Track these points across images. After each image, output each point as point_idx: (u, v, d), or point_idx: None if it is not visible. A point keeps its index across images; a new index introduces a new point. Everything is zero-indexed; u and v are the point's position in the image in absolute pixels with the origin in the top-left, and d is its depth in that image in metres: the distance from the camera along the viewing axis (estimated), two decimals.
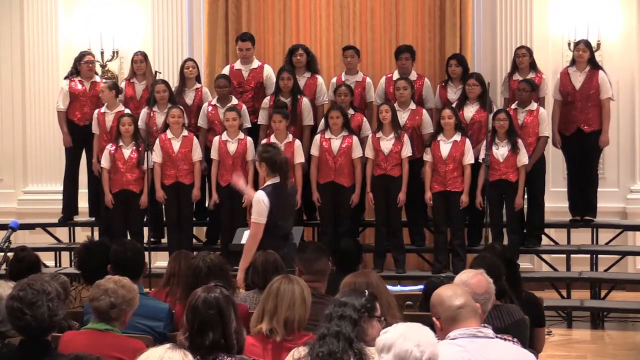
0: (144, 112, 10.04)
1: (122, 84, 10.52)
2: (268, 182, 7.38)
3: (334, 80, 10.29)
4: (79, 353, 3.67)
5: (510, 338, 4.40)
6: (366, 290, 4.18)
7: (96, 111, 10.19)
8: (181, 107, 9.88)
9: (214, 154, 9.82)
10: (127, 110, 10.08)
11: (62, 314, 4.27)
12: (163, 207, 10.02)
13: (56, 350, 4.26)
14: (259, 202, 7.21)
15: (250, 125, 10.03)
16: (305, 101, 10.01)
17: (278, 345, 4.52)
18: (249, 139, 9.76)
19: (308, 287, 4.77)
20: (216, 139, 9.79)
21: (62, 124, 10.46)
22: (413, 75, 10.13)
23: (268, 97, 10.04)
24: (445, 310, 4.01)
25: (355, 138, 9.71)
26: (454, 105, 9.76)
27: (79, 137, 10.43)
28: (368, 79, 10.30)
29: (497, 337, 4.26)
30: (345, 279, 4.93)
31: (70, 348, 4.38)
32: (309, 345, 4.04)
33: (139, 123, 9.90)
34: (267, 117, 9.91)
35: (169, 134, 9.82)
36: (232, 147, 9.71)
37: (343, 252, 6.88)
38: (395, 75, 10.12)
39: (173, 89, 10.14)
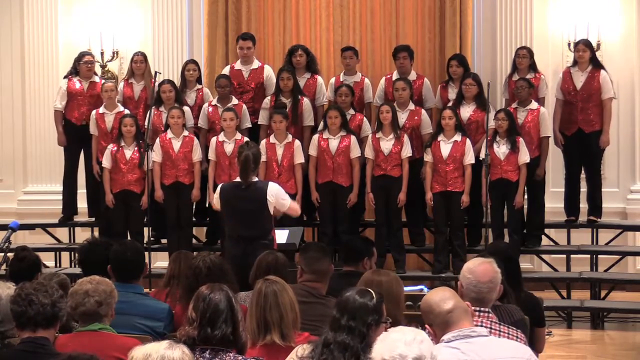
0: (150, 111, 10.02)
1: (121, 84, 10.52)
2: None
3: (333, 80, 10.27)
4: (72, 352, 3.63)
5: (514, 332, 4.41)
6: (374, 297, 4.07)
7: (94, 112, 10.16)
8: (182, 107, 9.86)
9: (211, 155, 9.79)
10: (127, 111, 10.07)
11: (64, 311, 4.29)
12: (163, 207, 10.01)
13: (54, 349, 4.26)
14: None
15: (250, 126, 10.03)
16: (306, 102, 9.99)
17: (285, 350, 4.44)
18: (246, 140, 9.73)
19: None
20: (213, 139, 9.77)
21: (58, 124, 10.44)
22: (412, 76, 10.12)
23: (268, 98, 10.03)
24: (436, 317, 4.02)
25: (353, 138, 9.70)
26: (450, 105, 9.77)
27: (76, 136, 10.41)
28: (366, 80, 10.28)
29: (502, 327, 4.35)
30: (364, 276, 5.17)
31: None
32: (312, 344, 4.01)
33: (145, 122, 9.88)
34: (267, 117, 9.89)
35: (169, 134, 9.81)
36: (229, 147, 9.68)
37: (349, 246, 6.83)
38: (395, 76, 10.11)
39: None
